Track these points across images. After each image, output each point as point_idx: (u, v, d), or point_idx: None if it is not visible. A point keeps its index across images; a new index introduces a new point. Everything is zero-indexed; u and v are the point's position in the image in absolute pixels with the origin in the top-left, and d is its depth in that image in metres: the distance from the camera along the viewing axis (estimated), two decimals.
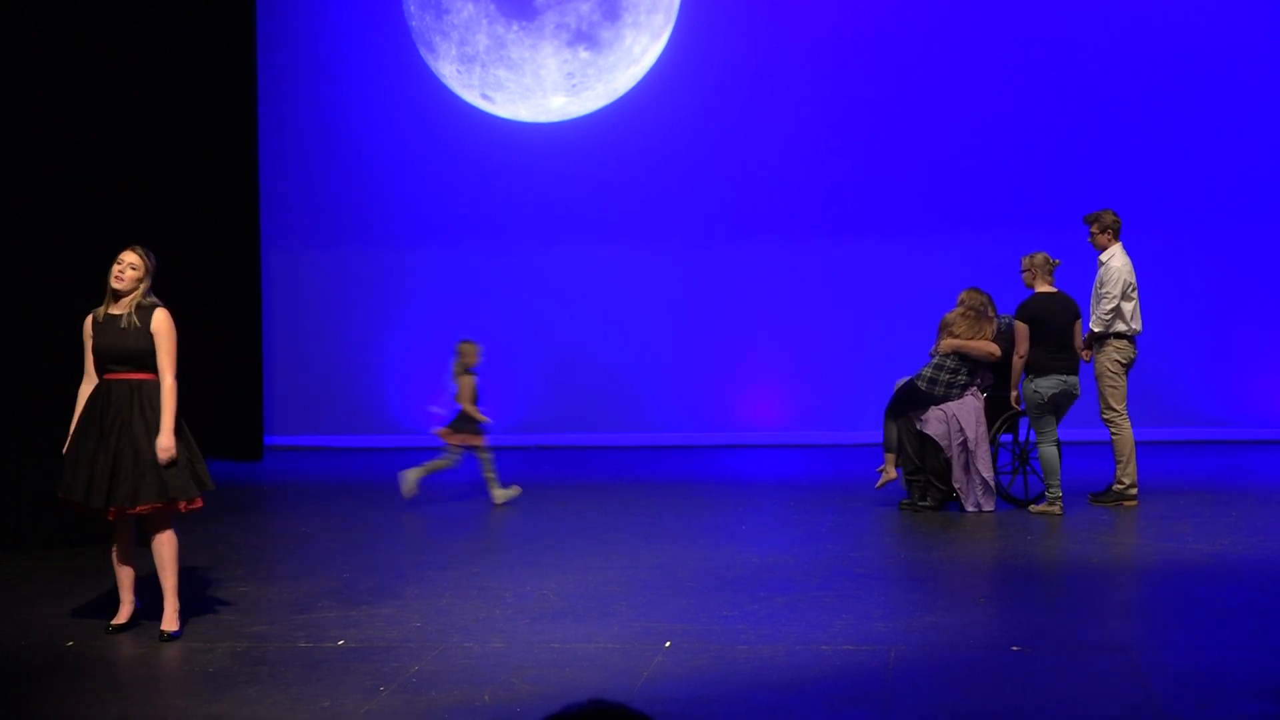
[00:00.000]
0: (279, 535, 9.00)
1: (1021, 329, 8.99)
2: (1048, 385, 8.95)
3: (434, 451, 9.99)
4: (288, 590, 7.05)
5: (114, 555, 6.31)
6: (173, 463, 6.02)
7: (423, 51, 13.36)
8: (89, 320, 6.18)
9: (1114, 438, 9.18)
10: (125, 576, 6.31)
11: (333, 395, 13.51)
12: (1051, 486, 8.92)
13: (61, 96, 8.28)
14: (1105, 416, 9.20)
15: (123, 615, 6.29)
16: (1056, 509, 8.88)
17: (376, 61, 13.48)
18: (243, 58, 12.51)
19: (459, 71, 13.27)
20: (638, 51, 13.13)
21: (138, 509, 6.04)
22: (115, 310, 6.15)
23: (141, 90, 9.31)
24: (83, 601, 6.82)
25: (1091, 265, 9.42)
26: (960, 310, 9.29)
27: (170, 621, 6.14)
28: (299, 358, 13.53)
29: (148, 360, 6.10)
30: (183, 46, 10.82)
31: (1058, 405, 9.02)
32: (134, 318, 6.12)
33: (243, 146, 12.51)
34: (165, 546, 6.18)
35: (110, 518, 6.18)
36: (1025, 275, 9.23)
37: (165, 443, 5.99)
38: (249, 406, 12.46)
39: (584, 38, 13.04)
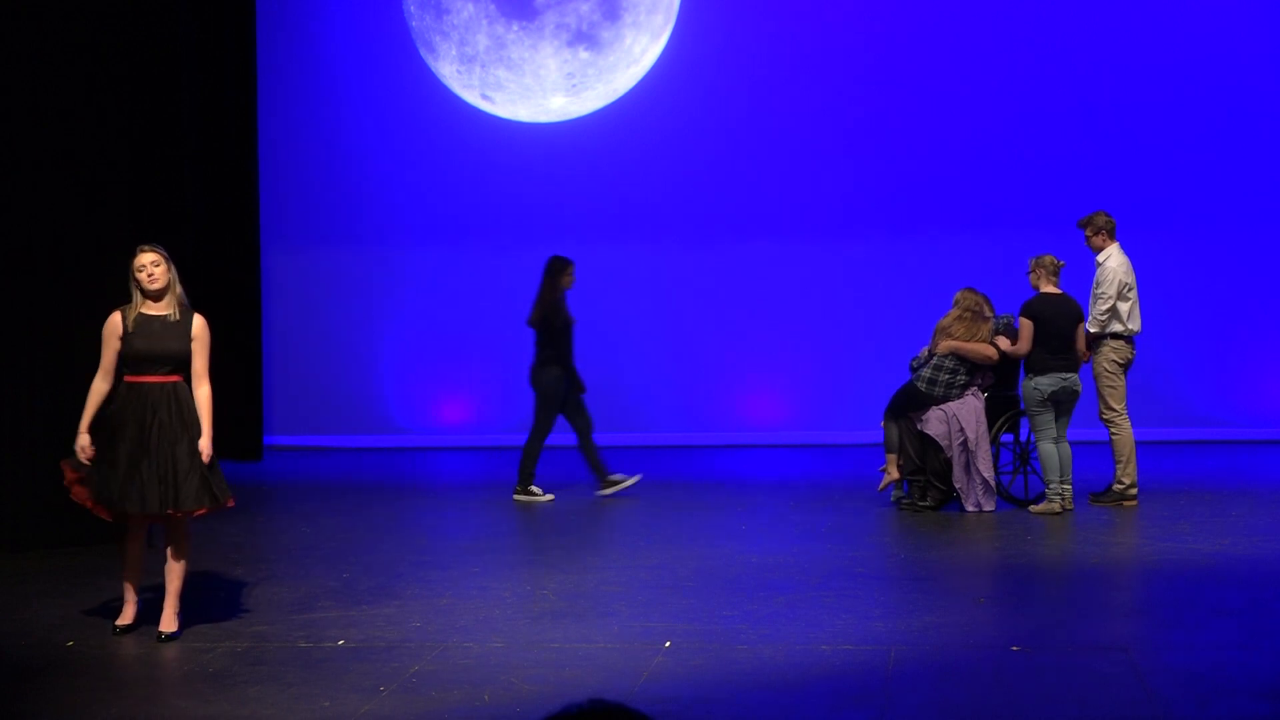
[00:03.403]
0: (279, 535, 9.00)
1: (1026, 325, 9.02)
2: (1046, 383, 8.98)
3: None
4: (288, 590, 7.05)
5: (124, 557, 6.30)
6: (211, 465, 6.08)
7: (423, 51, 13.36)
8: (117, 318, 6.09)
9: (1114, 438, 9.19)
10: (132, 578, 6.30)
11: (333, 395, 13.50)
12: (1051, 483, 8.93)
13: (61, 97, 8.27)
14: (1105, 417, 9.21)
15: (127, 616, 6.27)
16: (1057, 505, 8.89)
17: (376, 61, 13.48)
18: (242, 58, 12.49)
19: (459, 71, 13.27)
20: (638, 51, 13.13)
21: (195, 513, 6.06)
22: (153, 310, 6.10)
23: (141, 90, 9.30)
24: (83, 601, 6.82)
25: (1090, 267, 9.44)
26: (956, 312, 9.31)
27: (169, 623, 6.14)
28: (299, 358, 13.53)
29: (183, 363, 6.11)
30: (182, 47, 10.81)
31: (1057, 402, 9.03)
32: (178, 316, 6.12)
33: (242, 147, 12.50)
34: (182, 551, 6.19)
35: (136, 521, 6.17)
36: (1031, 276, 9.27)
37: (207, 445, 6.08)
38: (249, 406, 12.45)
39: (584, 38, 13.04)
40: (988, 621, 6.30)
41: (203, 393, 6.14)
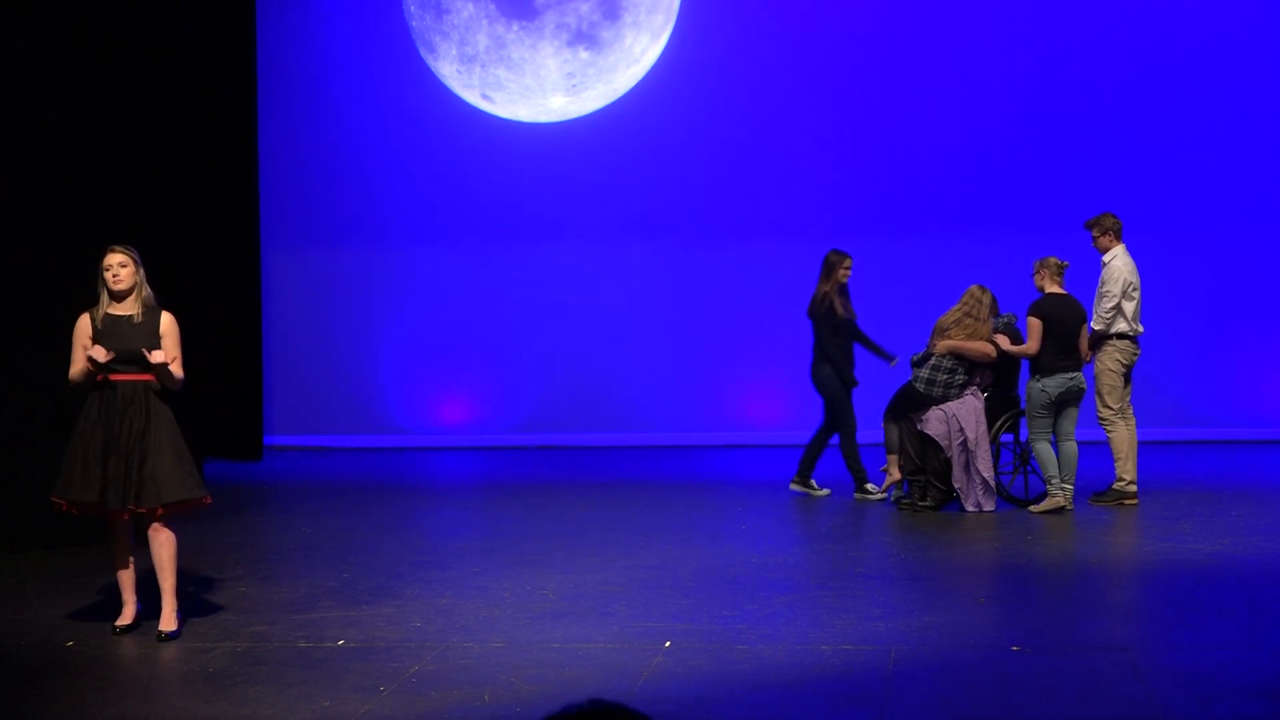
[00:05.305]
0: (279, 535, 9.00)
1: (1035, 325, 9.03)
2: (1054, 385, 9.00)
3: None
4: (288, 590, 7.05)
5: (113, 557, 6.31)
6: (185, 462, 6.08)
7: (423, 51, 13.36)
8: (85, 320, 6.17)
9: (1109, 436, 9.21)
10: (126, 578, 6.31)
11: (332, 395, 13.50)
12: (1050, 480, 8.94)
13: (61, 97, 8.27)
14: (1099, 415, 9.25)
15: (127, 616, 6.29)
16: (1059, 499, 8.90)
17: (376, 61, 13.48)
18: (242, 58, 12.50)
19: (459, 71, 13.27)
20: (638, 51, 13.13)
21: (159, 510, 6.07)
22: (119, 310, 6.16)
23: (141, 90, 9.30)
24: (83, 601, 6.83)
25: (1093, 269, 9.44)
26: (957, 312, 9.31)
27: (168, 621, 6.15)
28: (299, 358, 13.53)
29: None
30: (182, 47, 10.81)
31: (1063, 403, 9.05)
32: (143, 318, 6.15)
33: (242, 147, 12.50)
34: (165, 547, 6.18)
35: (117, 519, 6.18)
36: (1036, 278, 9.29)
37: (161, 355, 6.06)
38: (249, 406, 12.45)
39: (584, 38, 13.04)
40: (988, 621, 6.30)
41: (177, 373, 6.18)
